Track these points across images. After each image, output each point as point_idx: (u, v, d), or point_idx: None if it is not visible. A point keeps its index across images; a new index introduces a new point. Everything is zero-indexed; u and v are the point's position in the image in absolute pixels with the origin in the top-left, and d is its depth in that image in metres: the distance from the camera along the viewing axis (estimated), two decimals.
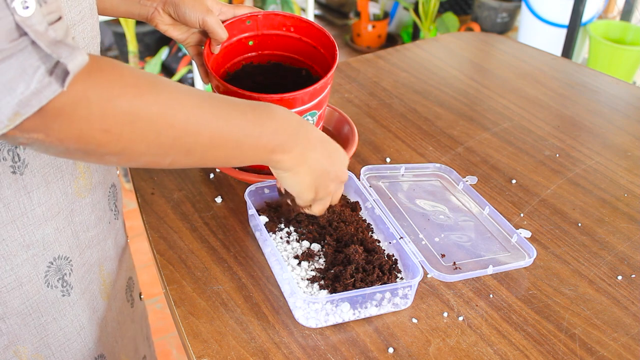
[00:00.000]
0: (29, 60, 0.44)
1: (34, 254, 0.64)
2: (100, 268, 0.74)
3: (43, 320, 0.68)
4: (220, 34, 0.82)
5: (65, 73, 0.45)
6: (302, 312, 0.71)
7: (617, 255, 0.84)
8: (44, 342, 0.69)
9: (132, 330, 0.88)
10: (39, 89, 0.44)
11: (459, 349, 0.70)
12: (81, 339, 0.73)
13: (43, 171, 0.61)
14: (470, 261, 0.81)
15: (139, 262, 2.02)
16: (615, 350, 0.70)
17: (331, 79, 0.83)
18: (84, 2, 0.62)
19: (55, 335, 0.70)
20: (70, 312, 0.70)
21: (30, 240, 0.63)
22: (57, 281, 0.67)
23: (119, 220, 0.80)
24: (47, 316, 0.68)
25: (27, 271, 0.64)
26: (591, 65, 2.77)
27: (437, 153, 1.04)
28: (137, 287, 0.91)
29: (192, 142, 0.56)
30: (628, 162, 1.03)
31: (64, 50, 0.44)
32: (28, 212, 0.62)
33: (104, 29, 3.04)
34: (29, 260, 0.63)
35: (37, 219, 0.63)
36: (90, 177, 0.69)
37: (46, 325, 0.68)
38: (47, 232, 0.64)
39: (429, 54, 1.40)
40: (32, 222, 0.62)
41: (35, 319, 0.67)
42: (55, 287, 0.67)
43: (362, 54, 1.40)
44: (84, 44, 0.64)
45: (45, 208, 0.63)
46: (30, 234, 0.63)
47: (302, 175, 0.67)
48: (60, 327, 0.70)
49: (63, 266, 0.67)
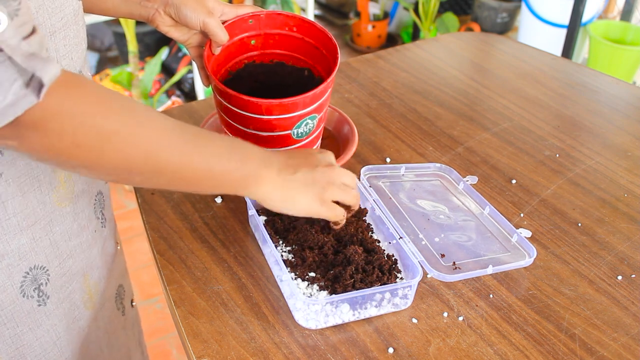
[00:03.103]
0: (6, 74, 0.45)
1: (8, 263, 0.63)
2: (85, 277, 0.73)
3: (18, 331, 0.67)
4: (221, 37, 0.82)
5: (40, 85, 0.46)
6: (302, 314, 0.71)
7: (617, 255, 0.84)
8: (19, 352, 0.68)
9: (123, 338, 0.87)
10: (15, 101, 0.45)
11: (459, 349, 0.70)
12: (57, 349, 0.72)
13: (19, 181, 0.61)
14: (470, 261, 0.81)
15: (139, 262, 2.03)
16: (615, 350, 0.70)
17: (332, 83, 0.83)
18: (67, 8, 0.61)
19: (31, 346, 0.69)
20: (47, 322, 0.69)
21: (4, 250, 0.62)
22: (33, 291, 0.66)
23: (106, 228, 0.79)
24: (22, 326, 0.67)
25: (1, 281, 0.63)
26: (591, 65, 2.77)
27: (437, 153, 1.04)
28: (128, 294, 0.89)
29: (163, 163, 0.58)
30: (628, 162, 1.03)
31: (38, 63, 0.45)
32: (2, 222, 0.61)
33: (104, 29, 3.04)
34: (3, 270, 0.63)
35: (12, 229, 0.62)
36: (73, 186, 0.68)
37: (22, 336, 0.67)
38: (23, 242, 0.63)
39: (429, 54, 1.40)
40: (6, 232, 0.61)
41: (11, 328, 0.66)
42: (32, 297, 0.66)
43: (362, 54, 1.40)
44: (66, 50, 0.63)
45: (20, 218, 0.62)
46: (5, 243, 0.62)
47: (294, 198, 0.69)
48: (36, 337, 0.69)
49: (39, 276, 0.66)
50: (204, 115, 1.11)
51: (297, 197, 0.69)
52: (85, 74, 0.69)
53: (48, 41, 0.59)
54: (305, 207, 0.71)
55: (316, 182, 0.70)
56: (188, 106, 1.15)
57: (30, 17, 0.46)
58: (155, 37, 2.94)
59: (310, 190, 0.70)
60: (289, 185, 0.69)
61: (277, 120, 0.80)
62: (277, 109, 0.78)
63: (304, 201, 0.70)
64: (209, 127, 0.98)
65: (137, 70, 2.45)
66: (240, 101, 0.78)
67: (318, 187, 0.70)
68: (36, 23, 0.47)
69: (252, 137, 0.83)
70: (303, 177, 0.69)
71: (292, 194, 0.69)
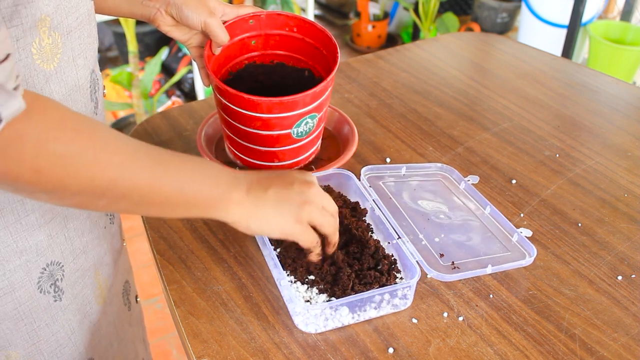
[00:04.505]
0: None
1: (27, 260, 0.63)
2: (96, 273, 0.74)
3: (35, 326, 0.67)
4: (222, 37, 0.82)
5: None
6: (301, 318, 0.71)
7: (617, 256, 0.84)
8: (36, 348, 0.68)
9: (130, 333, 0.88)
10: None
11: (459, 349, 0.70)
12: (72, 344, 0.72)
13: None
14: (470, 261, 0.81)
15: (139, 262, 2.03)
16: (615, 350, 0.70)
17: (332, 82, 0.83)
18: (81, 8, 0.62)
19: (48, 341, 0.69)
20: (62, 317, 0.70)
21: (23, 246, 0.63)
22: (49, 287, 0.67)
23: (114, 224, 0.79)
24: (39, 322, 0.67)
25: (20, 277, 0.63)
26: (591, 65, 2.77)
27: (437, 153, 1.04)
28: (133, 289, 0.91)
29: (128, 188, 0.55)
30: (628, 162, 1.03)
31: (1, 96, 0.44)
32: (22, 219, 0.61)
33: (104, 29, 3.04)
34: (22, 266, 0.63)
35: (31, 225, 0.63)
36: None
37: (38, 331, 0.68)
38: (41, 238, 0.64)
39: (429, 54, 1.40)
40: (25, 229, 0.62)
41: (28, 324, 0.67)
42: (48, 292, 0.67)
43: (362, 54, 1.40)
44: (81, 49, 0.64)
45: (38, 214, 0.63)
46: (24, 240, 0.62)
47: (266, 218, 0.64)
48: (52, 332, 0.69)
49: (55, 272, 0.67)
50: (204, 115, 1.11)
51: (269, 217, 0.64)
52: (97, 72, 0.70)
53: (65, 40, 0.60)
54: (278, 226, 0.65)
55: (291, 200, 0.65)
56: (188, 106, 1.15)
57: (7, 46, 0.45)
58: (155, 37, 2.94)
59: (284, 209, 0.65)
60: (259, 203, 0.64)
61: (277, 119, 0.80)
62: (277, 107, 0.78)
63: (276, 220, 0.65)
64: (209, 127, 0.98)
65: (137, 70, 2.45)
66: (240, 100, 0.78)
67: (293, 205, 0.65)
68: (11, 51, 0.46)
69: (253, 136, 0.83)
70: (275, 195, 0.65)
71: (263, 213, 0.64)
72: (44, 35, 0.57)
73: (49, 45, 0.58)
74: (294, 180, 0.67)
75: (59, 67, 0.60)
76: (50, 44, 0.58)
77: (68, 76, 0.62)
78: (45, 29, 0.57)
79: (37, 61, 0.57)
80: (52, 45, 0.58)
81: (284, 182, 0.66)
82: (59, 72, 0.61)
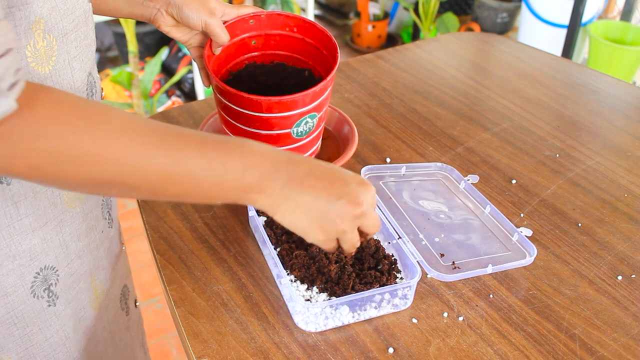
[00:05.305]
0: None
1: (20, 264, 0.63)
2: (92, 277, 0.73)
3: (28, 331, 0.67)
4: (222, 37, 0.82)
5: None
6: (301, 317, 0.71)
7: (617, 255, 0.84)
8: (28, 352, 0.68)
9: (127, 338, 0.87)
10: None
11: (459, 349, 0.70)
12: (66, 349, 0.72)
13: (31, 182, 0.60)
14: (470, 260, 0.81)
15: (139, 262, 2.03)
16: (615, 350, 0.70)
17: (332, 81, 0.83)
18: (77, 10, 0.61)
19: (41, 346, 0.69)
20: (56, 322, 0.69)
21: (16, 251, 0.62)
22: (43, 291, 0.66)
23: (113, 228, 0.79)
24: (32, 326, 0.67)
25: (12, 281, 0.63)
26: (591, 65, 2.77)
27: (437, 153, 1.04)
28: (132, 294, 0.90)
29: (137, 179, 0.52)
30: (628, 162, 1.03)
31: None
32: (15, 223, 0.61)
33: (104, 29, 3.04)
34: (15, 270, 0.63)
35: (24, 230, 0.62)
36: None
37: (31, 336, 0.67)
38: (34, 242, 0.63)
39: (429, 54, 1.40)
40: (18, 232, 0.61)
41: (20, 329, 0.66)
42: (42, 297, 0.66)
43: (362, 54, 1.40)
44: (77, 52, 0.63)
45: (32, 219, 0.62)
46: (17, 244, 0.62)
47: (292, 215, 0.59)
48: (45, 337, 0.69)
49: (49, 276, 0.66)
50: (204, 115, 1.11)
51: (296, 219, 0.60)
52: (94, 75, 0.69)
53: (60, 42, 0.59)
54: (302, 230, 0.61)
55: (328, 214, 0.59)
56: (188, 106, 1.15)
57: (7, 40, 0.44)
58: (155, 37, 2.94)
59: (316, 218, 0.59)
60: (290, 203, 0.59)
61: (277, 119, 0.80)
62: (277, 106, 0.78)
63: (303, 224, 0.60)
64: (209, 127, 0.98)
65: (137, 71, 2.45)
66: (240, 99, 0.78)
67: (328, 222, 0.60)
68: (12, 45, 0.44)
69: (252, 135, 0.83)
70: (312, 203, 0.59)
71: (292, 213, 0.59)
72: (38, 38, 0.56)
73: (44, 48, 0.57)
74: (344, 195, 0.59)
75: (54, 70, 0.59)
76: (44, 46, 0.57)
77: (63, 79, 0.61)
78: (40, 31, 0.56)
79: (31, 64, 0.56)
80: (46, 48, 0.57)
81: (332, 192, 0.59)
82: (54, 75, 0.60)
